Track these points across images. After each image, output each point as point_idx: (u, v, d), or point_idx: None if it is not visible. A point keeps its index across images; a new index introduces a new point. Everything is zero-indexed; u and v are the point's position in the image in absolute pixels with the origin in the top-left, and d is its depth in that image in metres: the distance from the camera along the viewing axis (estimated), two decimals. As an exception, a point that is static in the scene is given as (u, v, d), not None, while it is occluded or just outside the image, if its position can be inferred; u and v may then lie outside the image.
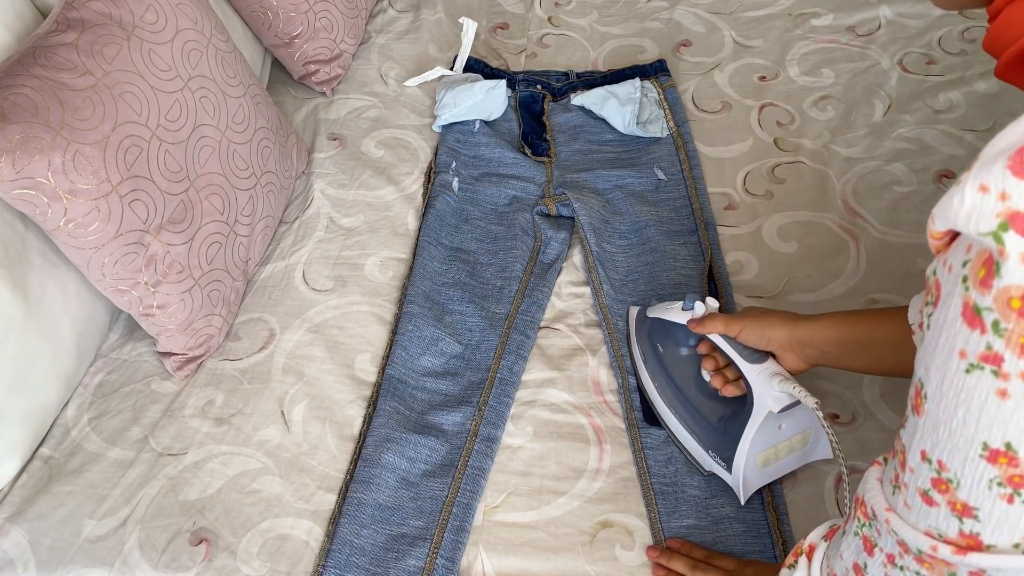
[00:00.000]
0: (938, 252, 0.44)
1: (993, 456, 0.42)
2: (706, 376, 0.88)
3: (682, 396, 0.91)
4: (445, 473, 0.92)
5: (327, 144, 1.28)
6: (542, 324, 1.05)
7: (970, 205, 0.38)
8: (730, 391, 0.85)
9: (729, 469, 0.85)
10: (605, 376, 0.99)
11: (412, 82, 1.36)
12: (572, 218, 1.15)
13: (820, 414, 0.76)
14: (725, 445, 0.85)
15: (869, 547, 0.54)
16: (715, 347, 0.86)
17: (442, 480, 0.91)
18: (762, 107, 1.29)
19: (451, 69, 1.36)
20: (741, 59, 1.37)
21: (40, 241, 0.92)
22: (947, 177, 1.16)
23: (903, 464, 0.49)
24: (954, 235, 0.43)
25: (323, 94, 1.36)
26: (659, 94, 1.29)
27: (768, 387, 0.79)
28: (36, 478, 0.94)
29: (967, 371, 0.41)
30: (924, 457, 0.46)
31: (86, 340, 1.00)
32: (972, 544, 0.46)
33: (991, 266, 0.39)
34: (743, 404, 0.83)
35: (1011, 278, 0.38)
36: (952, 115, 1.24)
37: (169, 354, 1.01)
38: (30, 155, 0.81)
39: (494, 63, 1.40)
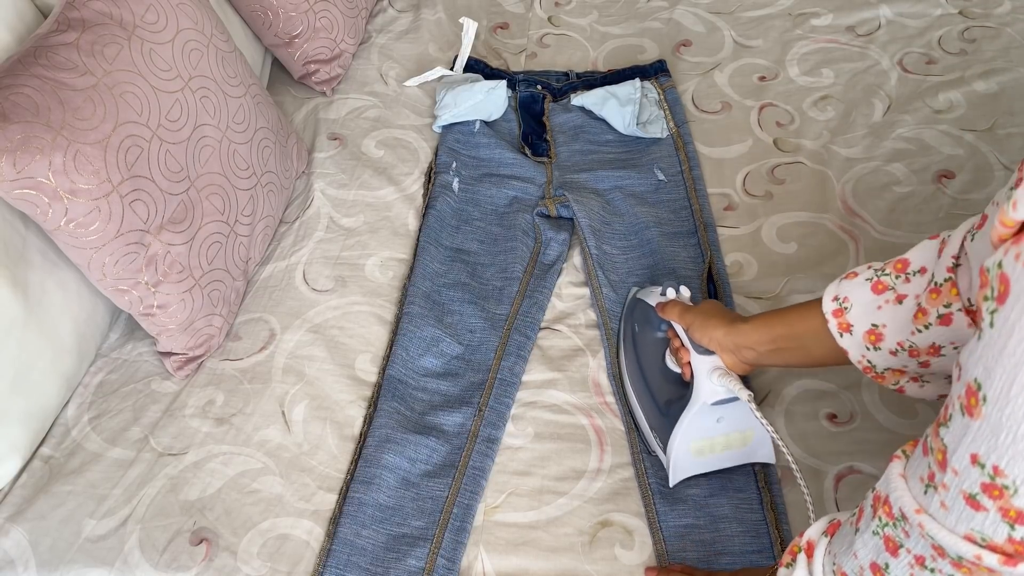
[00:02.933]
0: (1000, 240, 0.42)
1: None
2: (669, 362, 0.91)
3: (643, 376, 0.93)
4: (446, 473, 0.92)
5: (327, 144, 1.28)
6: (542, 325, 1.06)
7: None
8: (686, 373, 0.87)
9: (665, 451, 0.87)
10: (605, 377, 1.00)
11: (412, 82, 1.36)
12: (572, 219, 1.15)
13: (753, 406, 0.78)
14: (666, 428, 0.87)
15: (893, 548, 0.53)
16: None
17: (443, 480, 0.91)
18: (762, 107, 1.29)
19: (451, 69, 1.36)
20: (741, 59, 1.37)
21: (41, 241, 0.92)
22: (947, 177, 1.16)
23: (943, 464, 0.47)
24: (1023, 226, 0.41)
25: (323, 94, 1.36)
26: (659, 95, 1.29)
27: (707, 379, 0.82)
28: (36, 478, 0.94)
29: None
30: (975, 461, 0.44)
31: (86, 340, 1.00)
32: (1021, 551, 0.44)
33: None
34: (688, 391, 0.85)
35: None
36: (952, 115, 1.24)
37: (169, 354, 1.01)
38: (31, 155, 0.81)
39: (494, 63, 1.40)
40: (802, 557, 0.63)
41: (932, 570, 0.50)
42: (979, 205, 1.12)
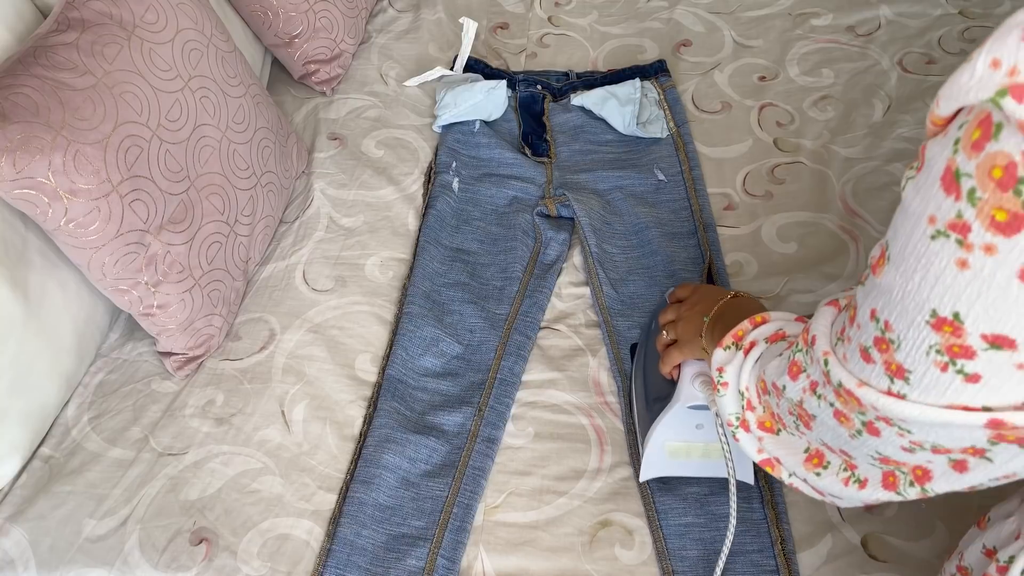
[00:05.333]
0: (933, 137, 0.44)
1: (939, 324, 0.43)
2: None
3: (643, 372, 0.93)
4: (446, 473, 0.92)
5: (327, 144, 1.28)
6: (542, 325, 1.06)
7: (979, 77, 0.38)
8: (674, 373, 0.85)
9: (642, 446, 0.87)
10: (606, 377, 1.00)
11: (412, 82, 1.36)
12: (572, 219, 1.15)
13: (719, 420, 0.76)
14: (647, 423, 0.87)
15: (795, 372, 0.56)
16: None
17: (442, 480, 0.91)
18: (762, 107, 1.29)
19: (451, 69, 1.36)
20: (741, 59, 1.37)
21: (40, 241, 0.92)
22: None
23: (852, 319, 0.50)
24: (952, 121, 0.43)
25: (323, 94, 1.36)
26: (659, 94, 1.29)
27: (689, 383, 0.81)
28: (36, 478, 0.94)
29: (932, 237, 0.42)
30: (873, 316, 0.47)
31: (86, 340, 1.00)
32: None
33: (988, 128, 0.38)
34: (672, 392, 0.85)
35: (1005, 143, 0.37)
36: (952, 115, 1.24)
37: (169, 354, 1.01)
38: (31, 155, 0.81)
39: (494, 63, 1.40)
40: (739, 354, 0.66)
41: (819, 396, 0.54)
42: (979, 205, 1.12)
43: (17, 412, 0.91)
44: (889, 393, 0.47)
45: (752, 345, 0.65)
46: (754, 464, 0.85)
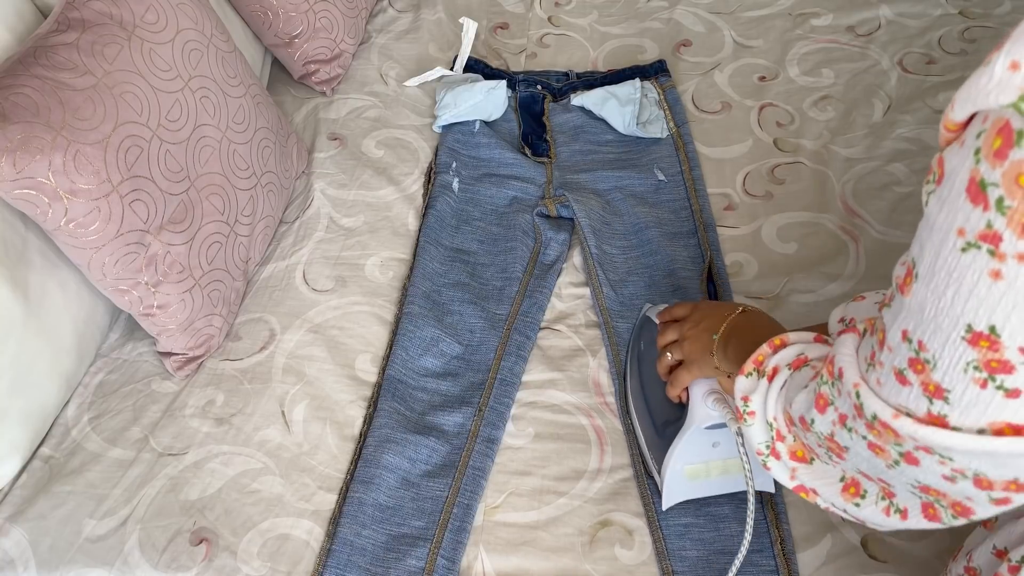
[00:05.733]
0: (946, 144, 0.43)
1: (975, 339, 0.42)
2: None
3: (644, 395, 0.92)
4: (446, 473, 0.92)
5: (327, 144, 1.28)
6: (542, 325, 1.06)
7: (998, 81, 0.37)
8: (682, 395, 0.83)
9: (660, 473, 0.86)
10: (605, 377, 1.00)
11: (412, 82, 1.36)
12: (572, 219, 1.15)
13: (740, 439, 0.75)
14: (661, 449, 0.85)
15: (822, 405, 0.54)
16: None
17: (442, 480, 0.91)
18: (762, 107, 1.29)
19: (451, 69, 1.36)
20: (741, 59, 1.37)
21: (41, 241, 0.92)
22: (947, 177, 1.16)
23: (881, 343, 0.48)
24: (967, 127, 0.41)
25: (323, 94, 1.36)
26: (659, 95, 1.29)
27: (702, 403, 0.80)
28: (36, 478, 0.94)
29: (963, 250, 0.40)
30: (905, 336, 0.46)
31: (86, 340, 1.00)
32: (935, 422, 0.46)
33: (1009, 135, 0.37)
34: (684, 414, 0.83)
35: None
36: (952, 115, 1.24)
37: (169, 354, 1.01)
38: (31, 155, 0.81)
39: (494, 63, 1.40)
40: (763, 381, 0.63)
41: (850, 429, 0.52)
42: (979, 205, 1.12)
43: (17, 412, 0.91)
44: (929, 415, 0.46)
45: (775, 371, 0.63)
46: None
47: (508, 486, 0.91)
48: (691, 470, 0.84)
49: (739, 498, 0.87)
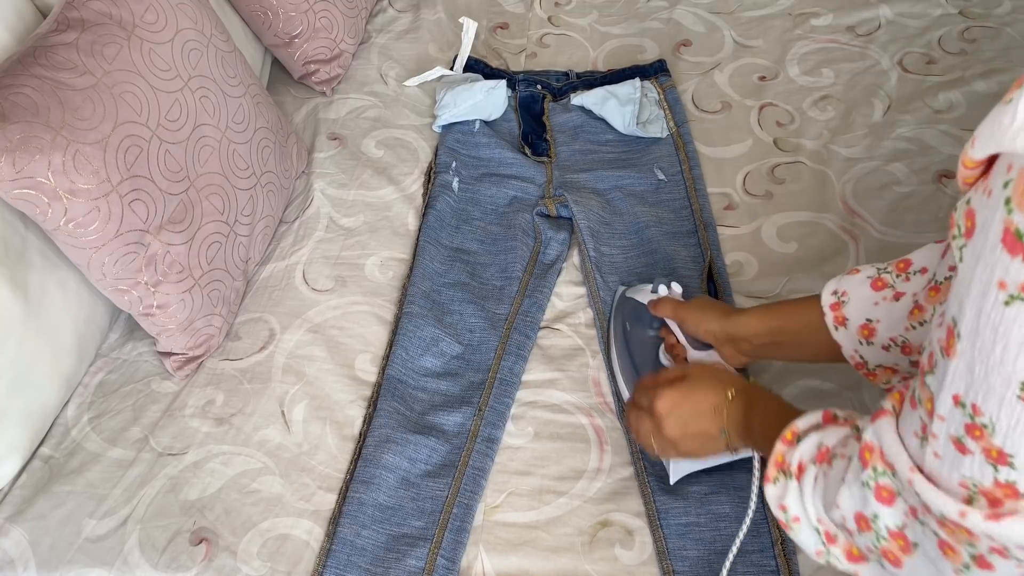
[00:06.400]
0: (966, 184, 0.41)
1: None
2: (664, 359, 0.90)
3: (637, 375, 0.93)
4: (445, 473, 0.92)
5: (327, 144, 1.28)
6: (542, 324, 1.05)
7: (1021, 123, 0.35)
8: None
9: None
10: (605, 377, 1.00)
11: (412, 82, 1.36)
12: (572, 219, 1.15)
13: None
14: None
15: (888, 497, 0.50)
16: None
17: (442, 480, 0.91)
18: (762, 107, 1.29)
19: (451, 69, 1.36)
20: (741, 59, 1.37)
21: (40, 241, 0.92)
22: (947, 177, 1.16)
23: (931, 412, 0.45)
24: (988, 165, 0.40)
25: (323, 94, 1.36)
26: (659, 94, 1.29)
27: None
28: (36, 478, 0.94)
29: (1006, 303, 0.38)
30: (957, 402, 0.43)
31: (86, 340, 1.00)
32: (1009, 493, 0.42)
33: None
34: None
35: None
36: (952, 115, 1.24)
37: (169, 354, 1.01)
38: (30, 155, 0.81)
39: (494, 63, 1.40)
40: (792, 482, 0.60)
41: (923, 523, 0.49)
42: (979, 205, 1.12)
43: (17, 412, 0.91)
44: (996, 483, 0.42)
45: (801, 469, 0.60)
46: None
47: (508, 486, 0.91)
48: None
49: (740, 496, 0.87)
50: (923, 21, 1.40)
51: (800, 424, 0.62)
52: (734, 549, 0.77)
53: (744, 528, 0.76)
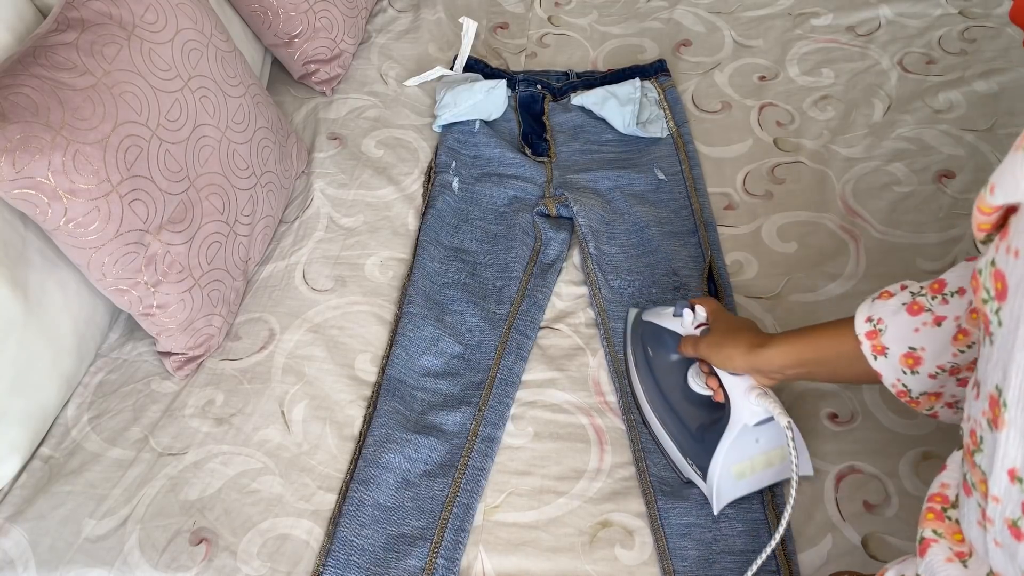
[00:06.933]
0: (982, 229, 0.39)
1: None
2: (693, 384, 0.88)
3: (666, 401, 0.91)
4: (445, 473, 0.92)
5: (327, 144, 1.28)
6: (542, 324, 1.05)
7: None
8: (719, 395, 0.84)
9: (704, 478, 0.85)
10: (605, 376, 1.00)
11: (412, 82, 1.36)
12: (572, 218, 1.15)
13: (790, 434, 0.76)
14: (702, 453, 0.85)
15: None
16: None
17: (442, 480, 0.91)
18: (762, 107, 1.29)
19: (451, 69, 1.36)
20: (741, 59, 1.37)
21: (40, 241, 0.92)
22: (947, 177, 1.16)
23: (986, 495, 0.42)
24: (1007, 213, 0.38)
25: (323, 94, 1.36)
26: (659, 94, 1.29)
27: (746, 400, 0.79)
28: (36, 478, 0.94)
29: None
30: (1014, 477, 0.40)
31: (86, 340, 1.00)
32: None
33: None
34: (722, 414, 0.83)
35: None
36: (952, 115, 1.24)
37: (169, 354, 1.01)
38: (30, 155, 0.81)
39: (494, 63, 1.40)
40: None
41: None
42: (979, 205, 1.11)
43: (17, 412, 0.91)
44: None
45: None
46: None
47: (508, 486, 0.91)
48: (738, 468, 0.83)
49: (740, 497, 0.87)
50: (923, 21, 1.40)
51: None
52: (769, 547, 0.76)
53: (780, 533, 0.74)
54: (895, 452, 0.89)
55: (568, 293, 1.09)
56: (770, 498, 0.87)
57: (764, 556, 0.75)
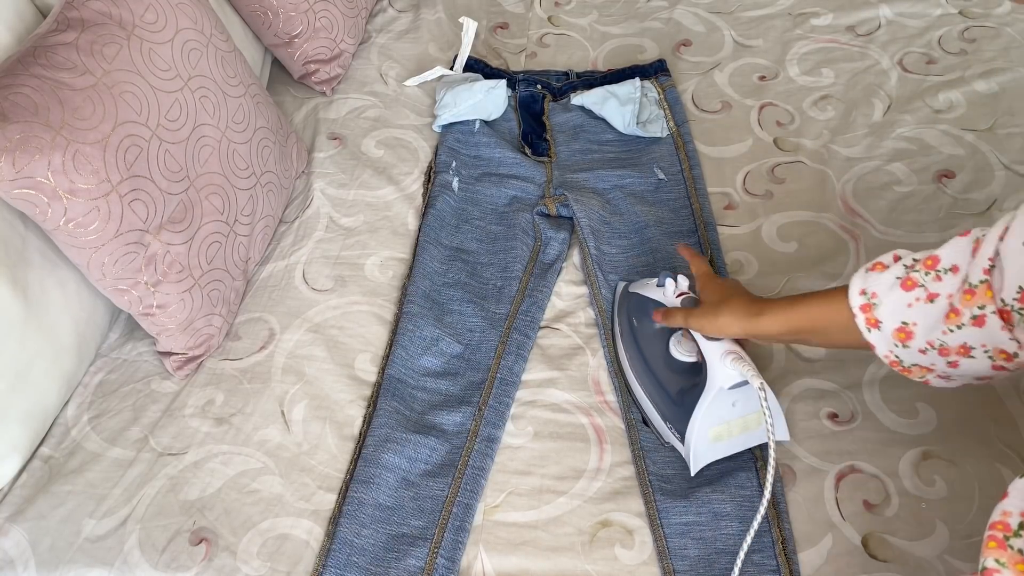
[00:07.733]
0: None
1: None
2: (675, 352, 0.90)
3: (649, 369, 0.93)
4: (445, 473, 0.92)
5: (327, 144, 1.28)
6: (542, 324, 1.05)
7: None
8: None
9: (682, 440, 0.87)
10: (605, 376, 1.00)
11: (412, 82, 1.36)
12: (572, 218, 1.15)
13: (763, 395, 0.78)
14: (680, 417, 0.87)
15: None
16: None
17: (442, 480, 0.91)
18: (762, 107, 1.29)
19: (451, 69, 1.36)
20: (741, 59, 1.37)
21: (40, 240, 0.92)
22: (947, 177, 1.16)
23: None
24: None
25: (323, 94, 1.36)
26: (659, 94, 1.29)
27: (721, 364, 0.82)
28: (36, 477, 0.94)
29: None
30: None
31: (86, 339, 1.00)
32: None
33: None
34: (700, 378, 0.85)
35: None
36: (952, 115, 1.24)
37: (169, 354, 1.01)
38: (30, 155, 0.81)
39: (494, 63, 1.40)
40: None
41: None
42: (979, 205, 1.12)
43: (17, 412, 0.91)
44: None
45: None
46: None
47: (508, 485, 0.91)
48: (715, 432, 0.86)
49: (741, 495, 0.87)
50: (923, 21, 1.40)
51: None
52: (758, 517, 0.77)
53: (763, 504, 0.75)
54: (895, 452, 0.89)
55: (568, 293, 1.09)
56: (771, 497, 0.87)
57: (756, 523, 0.76)
